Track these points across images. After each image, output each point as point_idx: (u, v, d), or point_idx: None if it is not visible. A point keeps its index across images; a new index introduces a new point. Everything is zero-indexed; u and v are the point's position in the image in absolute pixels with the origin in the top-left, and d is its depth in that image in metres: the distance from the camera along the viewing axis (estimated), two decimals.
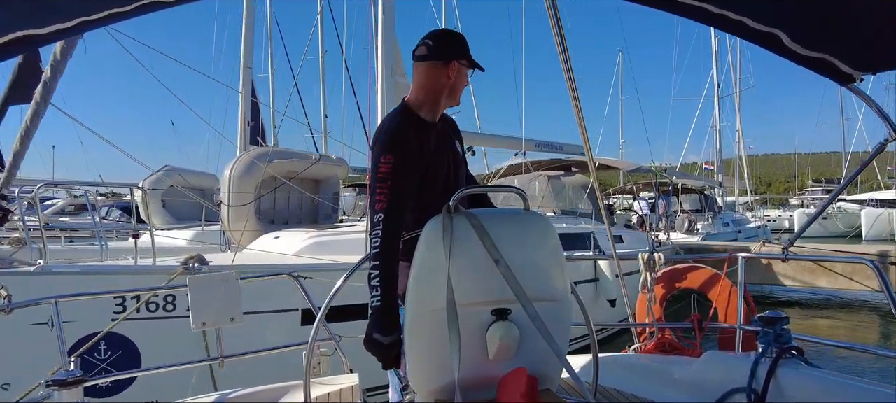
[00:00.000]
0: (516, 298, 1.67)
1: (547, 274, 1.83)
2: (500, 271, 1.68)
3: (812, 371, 2.23)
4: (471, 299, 1.72)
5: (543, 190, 11.16)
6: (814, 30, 1.97)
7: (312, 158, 9.04)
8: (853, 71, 2.13)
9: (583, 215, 10.28)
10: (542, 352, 1.74)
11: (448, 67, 1.99)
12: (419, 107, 2.02)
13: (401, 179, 1.82)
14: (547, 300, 1.78)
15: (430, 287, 1.69)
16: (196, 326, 2.82)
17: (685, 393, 2.61)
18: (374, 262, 1.75)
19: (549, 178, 11.50)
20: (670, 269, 4.71)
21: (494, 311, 1.75)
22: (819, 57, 2.07)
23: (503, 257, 1.69)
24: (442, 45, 2.03)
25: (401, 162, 1.83)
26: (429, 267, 1.70)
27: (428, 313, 1.71)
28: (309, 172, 8.87)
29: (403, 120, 1.96)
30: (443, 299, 1.66)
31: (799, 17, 1.93)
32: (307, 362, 2.27)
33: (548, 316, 1.69)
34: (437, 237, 1.69)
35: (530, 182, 11.37)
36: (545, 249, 1.84)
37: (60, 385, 2.05)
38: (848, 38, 2.00)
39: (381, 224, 1.76)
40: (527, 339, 1.76)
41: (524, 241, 1.79)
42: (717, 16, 1.93)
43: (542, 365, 1.82)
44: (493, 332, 1.73)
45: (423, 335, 1.73)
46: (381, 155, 1.83)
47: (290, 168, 8.49)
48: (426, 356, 1.75)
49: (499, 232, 1.73)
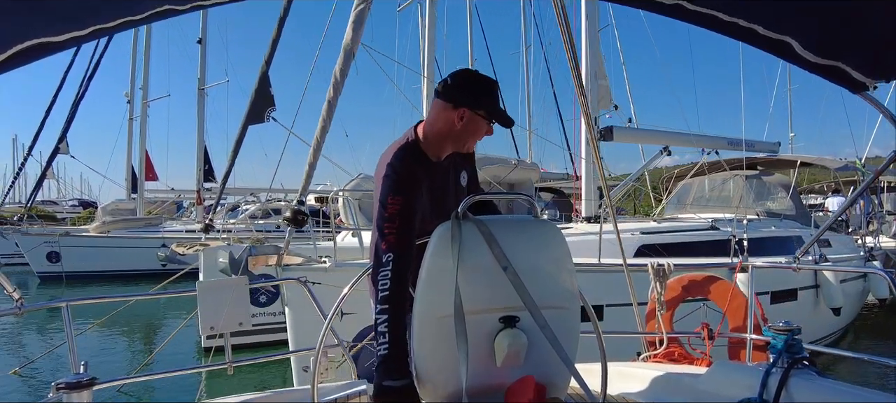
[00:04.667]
0: (524, 305, 1.66)
1: (555, 281, 1.81)
2: (509, 278, 1.67)
3: (824, 381, 2.19)
4: (479, 306, 1.71)
5: (740, 190, 10.36)
6: (826, 38, 1.95)
7: (512, 163, 9.30)
8: (866, 79, 2.09)
9: (787, 217, 9.68)
10: (550, 360, 1.73)
11: (456, 112, 1.89)
12: (427, 144, 1.95)
13: (409, 219, 1.77)
14: (555, 307, 1.78)
15: (438, 293, 1.67)
16: (205, 331, 2.79)
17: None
18: (382, 306, 1.67)
19: (746, 178, 10.58)
20: (680, 278, 4.66)
21: (502, 318, 1.74)
22: (831, 65, 2.04)
23: (511, 264, 1.68)
24: (457, 86, 1.92)
25: (408, 202, 1.78)
26: (437, 273, 1.68)
27: (436, 320, 1.69)
28: (507, 176, 9.21)
29: (412, 158, 1.89)
30: (451, 306, 1.65)
31: (810, 25, 1.91)
32: (314, 368, 2.25)
33: (556, 323, 1.69)
34: (445, 243, 1.68)
35: (724, 182, 10.82)
36: (553, 256, 1.83)
37: (71, 388, 2.04)
38: (860, 45, 1.97)
39: (390, 264, 1.69)
40: (535, 347, 1.75)
41: (532, 248, 1.78)
42: (727, 23, 1.91)
43: (550, 373, 1.81)
44: (501, 339, 1.72)
45: (430, 342, 1.72)
46: (390, 194, 1.78)
47: (494, 172, 8.87)
48: (434, 363, 1.74)
49: (507, 239, 1.72)
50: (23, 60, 1.51)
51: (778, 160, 11.84)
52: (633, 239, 7.45)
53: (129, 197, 23.17)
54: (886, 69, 2.08)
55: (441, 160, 1.99)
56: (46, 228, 19.62)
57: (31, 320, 11.19)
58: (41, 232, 18.35)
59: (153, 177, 23.51)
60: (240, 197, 19.37)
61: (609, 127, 9.09)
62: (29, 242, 17.75)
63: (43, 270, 17.63)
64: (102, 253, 17.84)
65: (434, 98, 1.98)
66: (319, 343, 2.21)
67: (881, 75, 2.10)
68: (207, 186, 20.92)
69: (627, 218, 12.35)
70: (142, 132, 22.54)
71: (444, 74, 2.32)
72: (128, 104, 23.04)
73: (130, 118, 23.01)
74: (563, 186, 16.93)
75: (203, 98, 20.44)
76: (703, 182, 11.19)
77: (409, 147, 1.93)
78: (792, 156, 12.51)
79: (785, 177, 11.00)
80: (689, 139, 10.25)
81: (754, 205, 10.01)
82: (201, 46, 20.39)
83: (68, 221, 27.41)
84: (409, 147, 1.93)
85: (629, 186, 10.96)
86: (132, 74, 22.91)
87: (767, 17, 1.88)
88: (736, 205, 9.64)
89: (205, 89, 20.47)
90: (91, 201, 39.80)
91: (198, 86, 20.44)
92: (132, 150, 23.03)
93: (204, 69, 20.55)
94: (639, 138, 10.47)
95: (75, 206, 39.59)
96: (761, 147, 11.14)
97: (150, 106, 22.82)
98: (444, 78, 1.97)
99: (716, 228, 8.13)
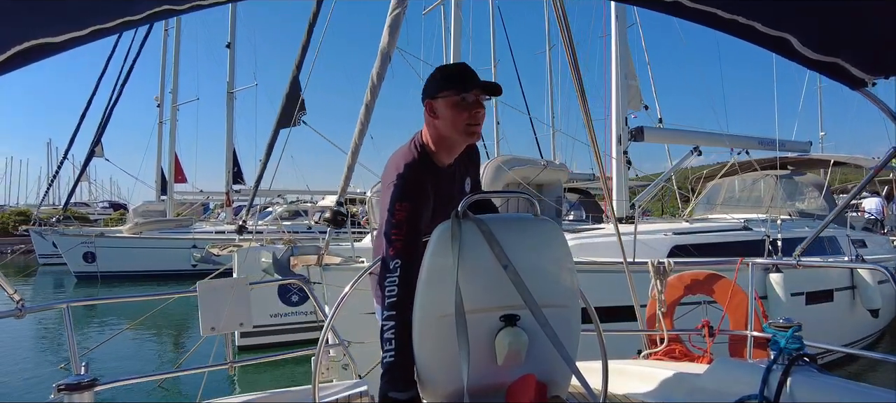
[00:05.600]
0: (525, 304, 1.65)
1: (556, 280, 1.80)
2: (509, 276, 1.66)
3: (825, 378, 2.18)
4: (479, 305, 1.69)
5: (771, 190, 10.29)
6: (824, 34, 1.93)
7: (541, 165, 9.48)
8: (865, 75, 2.07)
9: (820, 217, 9.44)
10: (551, 359, 1.72)
11: (427, 109, 1.89)
12: (431, 151, 1.94)
13: (416, 226, 1.77)
14: (556, 305, 1.77)
15: (439, 293, 1.65)
16: (205, 332, 2.81)
17: (696, 400, 2.57)
18: (390, 312, 1.66)
19: (777, 178, 10.48)
20: (681, 275, 4.62)
21: (503, 317, 1.73)
22: (830, 61, 2.03)
23: (512, 262, 1.67)
24: (423, 90, 1.91)
25: (416, 209, 1.78)
26: (437, 272, 1.67)
27: (436, 319, 1.67)
28: (536, 178, 9.33)
29: (419, 165, 1.88)
30: (451, 305, 1.63)
31: (810, 22, 1.89)
32: (316, 368, 2.22)
33: (557, 321, 1.68)
34: (445, 243, 1.67)
35: (754, 182, 10.70)
36: (554, 254, 1.81)
37: (71, 390, 2.02)
38: (860, 41, 1.95)
39: (398, 270, 1.69)
40: (536, 345, 1.74)
41: (533, 246, 1.76)
42: (726, 21, 1.90)
43: (551, 372, 1.80)
44: (502, 338, 1.70)
45: (431, 341, 1.70)
46: (397, 201, 1.78)
47: (523, 174, 8.95)
48: (434, 362, 1.72)
49: (507, 238, 1.71)
50: (23, 61, 1.51)
51: (810, 159, 11.67)
52: (666, 239, 7.44)
53: (158, 198, 23.69)
54: (886, 65, 2.05)
55: (448, 165, 1.98)
56: (82, 229, 20.20)
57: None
58: (78, 233, 18.89)
59: (182, 179, 24.01)
60: (268, 198, 19.67)
61: (640, 127, 9.07)
62: (66, 243, 18.30)
63: (79, 270, 18.15)
64: (136, 253, 18.31)
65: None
66: (321, 343, 2.20)
67: (880, 71, 2.08)
68: (236, 188, 21.31)
69: (655, 219, 12.26)
70: (172, 135, 23.04)
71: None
72: (158, 108, 23.54)
73: (160, 122, 23.50)
74: (590, 187, 16.90)
75: (232, 101, 20.77)
76: (733, 182, 11.06)
77: (416, 153, 1.92)
78: (825, 156, 12.29)
79: (817, 176, 10.82)
80: (721, 139, 10.16)
81: (786, 206, 9.89)
82: (230, 51, 20.73)
83: (100, 222, 28.16)
84: (416, 153, 1.92)
85: (659, 187, 10.91)
86: (162, 78, 23.42)
87: (766, 14, 1.86)
88: (767, 206, 9.59)
89: (234, 93, 20.80)
90: (121, 203, 40.64)
91: (227, 90, 20.78)
92: (162, 153, 23.54)
93: (233, 73, 20.89)
94: (669, 138, 10.41)
95: (106, 208, 40.62)
96: (793, 146, 11.01)
97: (179, 109, 23.30)
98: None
99: (748, 228, 8.08)
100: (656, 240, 7.34)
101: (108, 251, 18.23)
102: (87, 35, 1.55)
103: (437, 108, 1.87)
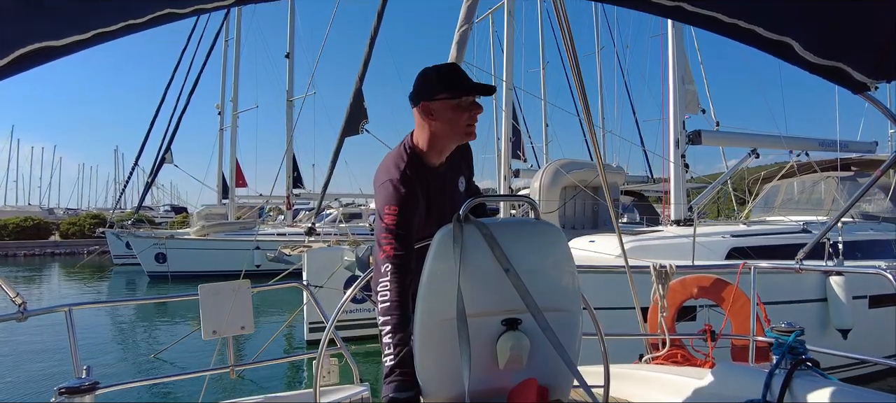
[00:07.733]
0: (527, 308, 1.64)
1: (557, 284, 1.80)
2: (511, 280, 1.65)
3: (828, 383, 2.15)
4: (481, 309, 1.69)
5: (832, 192, 10.06)
6: (826, 38, 1.91)
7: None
8: (867, 79, 2.05)
9: (886, 220, 9.33)
10: (552, 363, 1.71)
11: (420, 111, 1.88)
12: (422, 152, 1.93)
13: (408, 229, 1.77)
14: (557, 309, 1.75)
15: (440, 296, 1.65)
16: (206, 335, 2.82)
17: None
18: (384, 317, 1.67)
19: (840, 180, 10.19)
20: (683, 279, 4.55)
21: (505, 321, 1.72)
22: (832, 65, 2.01)
23: (513, 266, 1.67)
24: (413, 90, 1.90)
25: (406, 212, 1.78)
26: (439, 276, 1.66)
27: (437, 323, 1.67)
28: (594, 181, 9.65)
29: (409, 167, 1.87)
30: (453, 309, 1.62)
31: (811, 26, 1.86)
32: (317, 371, 2.22)
33: (558, 325, 1.67)
34: (447, 246, 1.66)
35: (814, 184, 10.53)
36: (555, 258, 1.80)
37: (72, 393, 2.02)
38: (861, 46, 1.94)
39: (389, 274, 1.69)
40: (537, 349, 1.73)
41: (534, 250, 1.76)
42: (728, 25, 1.90)
43: (552, 376, 1.79)
44: (504, 342, 1.70)
45: (432, 345, 1.70)
46: (386, 205, 1.78)
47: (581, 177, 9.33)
48: (436, 366, 1.72)
49: (509, 242, 1.70)
50: (26, 65, 1.52)
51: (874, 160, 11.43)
52: (724, 241, 7.48)
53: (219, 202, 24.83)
54: (888, 69, 2.03)
55: (439, 166, 1.97)
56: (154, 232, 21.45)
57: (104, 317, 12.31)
58: (150, 235, 20.10)
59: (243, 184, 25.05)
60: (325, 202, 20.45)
61: (697, 130, 9.08)
62: (140, 244, 19.53)
63: (152, 270, 19.31)
64: (203, 254, 19.30)
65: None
66: (322, 345, 2.20)
67: (882, 75, 2.05)
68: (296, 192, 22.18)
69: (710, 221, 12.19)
70: (232, 141, 24.12)
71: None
72: (219, 115, 24.69)
73: (221, 128, 24.63)
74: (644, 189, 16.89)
75: (291, 109, 21.63)
76: (792, 184, 10.87)
77: (406, 156, 1.90)
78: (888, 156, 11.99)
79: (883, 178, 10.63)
80: (779, 141, 10.03)
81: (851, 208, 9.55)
82: (289, 60, 21.63)
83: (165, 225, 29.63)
84: (407, 156, 1.90)
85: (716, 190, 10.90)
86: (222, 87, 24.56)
87: (768, 19, 1.86)
88: (828, 208, 9.45)
89: (292, 100, 21.66)
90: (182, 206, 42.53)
91: (286, 98, 21.67)
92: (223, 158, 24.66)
93: (291, 81, 21.78)
94: (727, 141, 10.32)
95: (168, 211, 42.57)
96: (856, 147, 10.74)
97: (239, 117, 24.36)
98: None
99: (808, 231, 7.98)
100: (713, 243, 7.37)
101: (177, 252, 19.34)
102: (89, 39, 1.56)
103: (434, 110, 1.86)
